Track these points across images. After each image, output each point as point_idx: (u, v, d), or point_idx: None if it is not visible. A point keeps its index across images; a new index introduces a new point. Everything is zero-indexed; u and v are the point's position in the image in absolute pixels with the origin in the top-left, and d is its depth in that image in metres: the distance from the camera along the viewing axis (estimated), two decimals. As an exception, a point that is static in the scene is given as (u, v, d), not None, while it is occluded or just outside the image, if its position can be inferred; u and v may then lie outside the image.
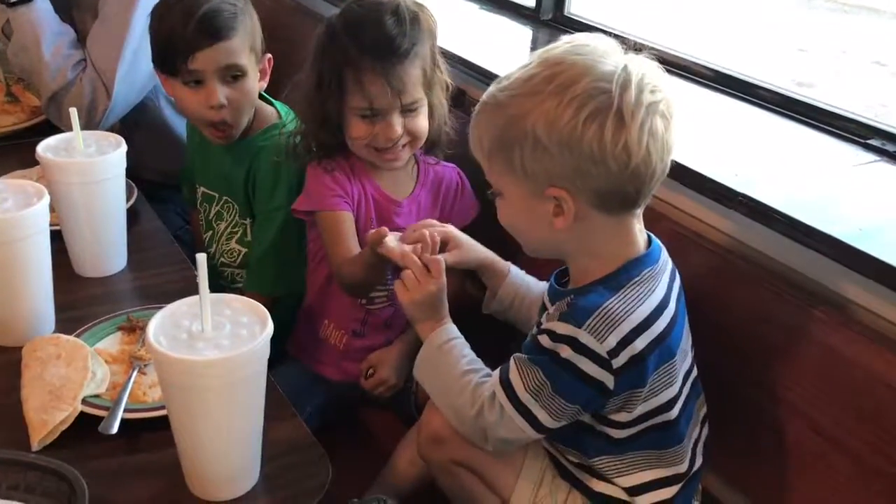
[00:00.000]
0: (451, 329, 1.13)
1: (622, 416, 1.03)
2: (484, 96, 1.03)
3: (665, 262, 1.07)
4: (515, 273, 1.25)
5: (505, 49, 1.86)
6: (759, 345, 1.14)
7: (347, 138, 1.33)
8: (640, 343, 0.98)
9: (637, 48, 1.00)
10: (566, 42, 1.00)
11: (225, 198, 1.57)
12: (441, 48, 1.38)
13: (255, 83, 1.48)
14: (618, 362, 0.97)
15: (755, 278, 1.15)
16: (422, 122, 1.32)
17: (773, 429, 1.12)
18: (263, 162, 1.48)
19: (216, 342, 0.86)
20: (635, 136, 0.94)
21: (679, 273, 1.09)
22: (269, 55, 1.52)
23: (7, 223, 1.08)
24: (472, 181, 1.45)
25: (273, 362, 0.92)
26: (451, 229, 1.22)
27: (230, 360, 0.84)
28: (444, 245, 1.19)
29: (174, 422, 0.90)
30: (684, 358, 1.06)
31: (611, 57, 0.96)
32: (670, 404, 1.04)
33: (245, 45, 1.44)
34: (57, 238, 1.24)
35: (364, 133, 1.30)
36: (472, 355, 1.11)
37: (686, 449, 1.08)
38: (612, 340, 0.96)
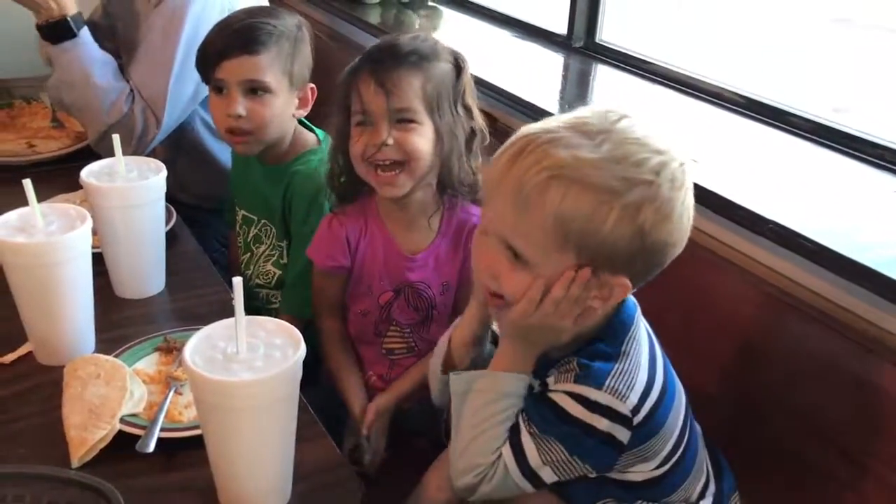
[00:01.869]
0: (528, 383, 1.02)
1: (645, 467, 1.01)
2: (564, 159, 0.88)
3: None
4: None
5: (536, 76, 1.88)
6: (789, 371, 1.13)
7: (352, 158, 1.31)
8: (654, 394, 0.96)
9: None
10: (620, 116, 0.92)
11: (263, 221, 1.60)
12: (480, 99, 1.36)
13: (285, 106, 1.50)
14: (637, 419, 0.95)
15: (785, 305, 1.15)
16: (416, 140, 1.26)
17: (802, 456, 1.11)
18: (298, 185, 1.51)
19: (250, 364, 0.88)
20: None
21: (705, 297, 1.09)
22: (312, 85, 1.55)
23: (52, 246, 1.11)
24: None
25: (306, 384, 0.94)
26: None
27: (263, 382, 0.86)
28: None
29: (209, 441, 0.92)
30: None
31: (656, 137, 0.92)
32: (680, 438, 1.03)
33: (275, 65, 1.47)
34: (98, 260, 1.27)
35: (359, 143, 1.28)
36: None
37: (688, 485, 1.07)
38: (633, 398, 0.94)
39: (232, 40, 1.46)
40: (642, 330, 1.02)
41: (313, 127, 1.61)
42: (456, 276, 1.39)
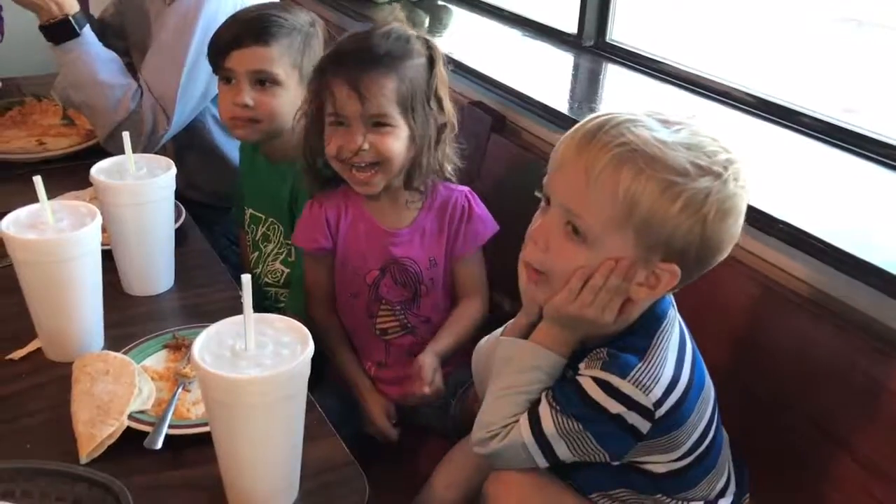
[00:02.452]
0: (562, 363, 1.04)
1: (665, 457, 1.01)
2: (643, 137, 0.90)
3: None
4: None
5: (547, 75, 1.88)
6: (799, 373, 1.13)
7: (327, 155, 1.32)
8: (679, 390, 0.97)
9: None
10: (690, 115, 0.96)
11: (271, 219, 1.60)
12: (450, 80, 1.36)
13: (293, 100, 1.50)
14: (660, 412, 0.96)
15: (795, 306, 1.14)
16: (391, 144, 1.28)
17: (813, 458, 1.10)
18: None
19: (258, 361, 0.88)
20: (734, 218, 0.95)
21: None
22: None
23: (62, 243, 1.12)
24: (495, 201, 1.43)
25: (314, 384, 0.94)
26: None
27: (271, 379, 0.86)
28: None
29: (216, 438, 0.92)
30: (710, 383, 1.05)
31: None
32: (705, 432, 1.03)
33: (285, 58, 1.48)
34: (107, 257, 1.27)
35: (333, 143, 1.29)
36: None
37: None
38: (657, 392, 0.95)
39: (243, 30, 1.47)
40: (676, 326, 1.02)
41: None
42: (444, 251, 1.40)
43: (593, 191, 0.91)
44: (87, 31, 1.71)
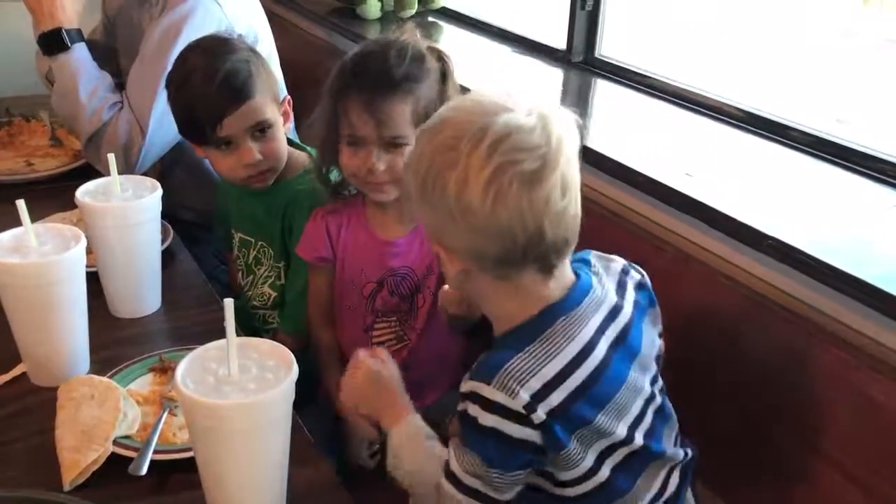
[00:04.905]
0: (417, 419, 1.06)
1: (572, 473, 0.96)
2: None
3: (598, 300, 0.99)
4: None
5: (536, 91, 1.87)
6: (789, 389, 1.12)
7: (342, 170, 1.33)
8: (556, 398, 0.91)
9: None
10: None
11: (261, 242, 1.59)
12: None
13: (282, 129, 1.50)
14: (538, 417, 0.90)
15: (785, 322, 1.14)
16: None
17: (805, 476, 1.09)
18: (299, 206, 1.50)
19: (242, 386, 0.87)
20: (479, 195, 0.88)
21: (693, 308, 1.08)
22: (288, 97, 1.55)
23: (46, 267, 1.11)
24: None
25: (303, 406, 0.93)
26: None
27: (255, 404, 0.85)
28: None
29: (200, 464, 0.91)
30: (635, 395, 0.99)
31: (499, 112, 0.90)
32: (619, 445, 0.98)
33: (267, 98, 1.46)
34: (93, 279, 1.27)
35: (348, 161, 1.29)
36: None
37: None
38: (524, 395, 0.89)
39: (225, 95, 1.40)
40: (580, 327, 0.95)
41: (302, 144, 1.60)
42: None
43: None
44: (80, 47, 1.74)
